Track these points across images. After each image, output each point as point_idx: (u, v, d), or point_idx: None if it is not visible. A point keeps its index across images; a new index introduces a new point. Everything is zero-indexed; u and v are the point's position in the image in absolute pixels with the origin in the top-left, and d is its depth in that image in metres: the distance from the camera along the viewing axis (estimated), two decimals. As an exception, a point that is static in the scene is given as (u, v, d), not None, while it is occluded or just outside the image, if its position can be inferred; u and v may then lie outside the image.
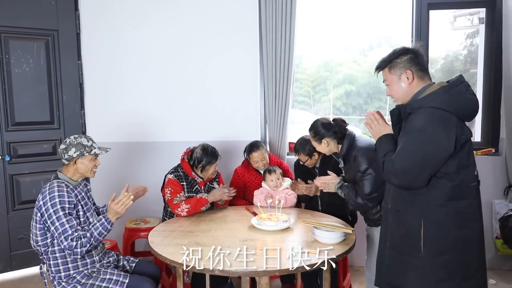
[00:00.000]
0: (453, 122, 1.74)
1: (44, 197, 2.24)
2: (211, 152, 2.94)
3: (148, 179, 3.86)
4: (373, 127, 2.02)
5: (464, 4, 3.86)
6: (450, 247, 1.77)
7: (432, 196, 1.78)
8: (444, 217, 1.77)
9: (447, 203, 1.76)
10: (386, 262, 1.95)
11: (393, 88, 1.94)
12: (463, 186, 1.77)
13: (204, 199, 2.88)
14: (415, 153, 1.74)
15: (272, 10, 3.61)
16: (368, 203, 2.42)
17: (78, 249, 2.20)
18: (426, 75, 1.89)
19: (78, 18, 3.82)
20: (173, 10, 3.80)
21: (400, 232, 1.88)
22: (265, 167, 3.27)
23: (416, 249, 1.80)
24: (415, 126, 1.76)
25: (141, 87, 3.90)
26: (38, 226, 2.27)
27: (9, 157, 3.60)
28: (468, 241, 1.80)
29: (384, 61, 1.95)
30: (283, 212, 2.68)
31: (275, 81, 3.69)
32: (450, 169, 1.74)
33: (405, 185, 1.81)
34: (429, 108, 1.76)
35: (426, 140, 1.73)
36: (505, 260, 3.69)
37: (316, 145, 2.69)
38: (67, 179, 2.37)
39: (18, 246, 3.67)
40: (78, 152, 2.34)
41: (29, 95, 3.66)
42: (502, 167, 3.63)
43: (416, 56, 1.89)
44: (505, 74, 3.48)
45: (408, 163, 1.75)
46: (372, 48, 5.56)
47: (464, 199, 1.78)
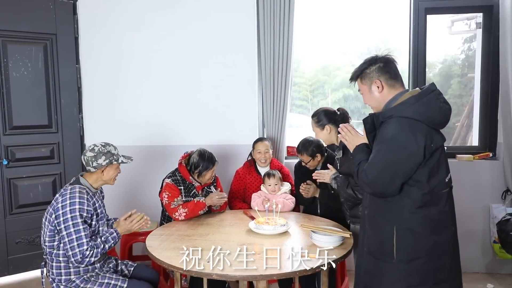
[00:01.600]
0: (423, 131, 1.76)
1: (64, 200, 2.24)
2: (208, 157, 2.94)
3: (146, 183, 3.87)
4: (347, 139, 2.06)
5: (461, 9, 3.87)
6: (422, 253, 1.81)
7: (404, 204, 1.81)
8: (415, 224, 1.80)
9: (418, 210, 1.79)
10: (364, 266, 1.99)
11: (366, 97, 2.00)
12: (434, 194, 1.80)
13: (202, 202, 2.88)
14: (386, 162, 1.77)
15: (270, 15, 3.63)
16: (358, 195, 2.42)
17: (88, 259, 2.23)
18: (398, 83, 1.92)
19: (76, 22, 3.83)
20: (171, 15, 3.81)
21: (375, 238, 1.91)
22: (267, 163, 3.27)
23: (390, 255, 1.84)
24: (386, 135, 1.79)
25: (139, 91, 3.90)
26: (50, 227, 2.27)
27: (7, 160, 3.60)
28: (440, 246, 1.83)
29: (356, 71, 2.00)
30: (281, 216, 2.68)
31: (273, 85, 3.70)
32: (421, 177, 1.77)
33: (378, 193, 1.85)
34: (399, 117, 1.79)
35: (396, 149, 1.76)
36: (502, 264, 3.69)
37: (318, 132, 2.70)
38: (88, 185, 2.39)
39: (16, 250, 3.66)
40: (107, 161, 2.37)
41: (27, 98, 3.66)
42: (500, 172, 3.64)
43: (385, 64, 1.92)
44: (502, 79, 3.50)
45: (379, 173, 1.78)
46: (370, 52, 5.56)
47: (434, 206, 1.81)
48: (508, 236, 3.21)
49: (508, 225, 3.25)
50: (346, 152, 2.57)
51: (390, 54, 1.96)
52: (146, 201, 3.81)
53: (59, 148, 3.82)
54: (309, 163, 3.03)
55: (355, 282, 2.07)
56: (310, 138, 3.06)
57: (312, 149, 2.99)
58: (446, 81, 4.63)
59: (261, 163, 3.30)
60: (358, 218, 2.53)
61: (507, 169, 3.56)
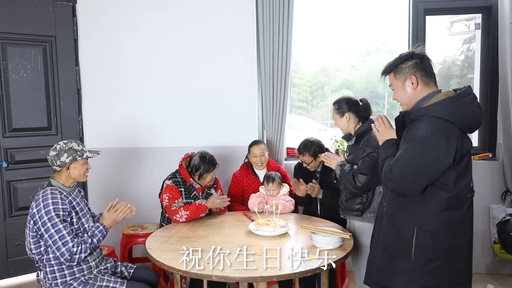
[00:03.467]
0: (455, 134, 1.73)
1: (37, 204, 2.23)
2: (209, 160, 2.94)
3: (145, 184, 3.87)
4: (380, 130, 2.03)
5: (460, 10, 3.88)
6: (440, 256, 1.80)
7: (427, 205, 1.79)
8: (437, 226, 1.79)
9: (442, 213, 1.78)
10: (376, 263, 1.98)
11: (398, 93, 1.95)
12: (459, 197, 1.79)
13: (203, 206, 2.88)
14: (414, 161, 1.75)
15: (270, 16, 3.63)
16: (356, 183, 2.39)
17: (77, 255, 2.20)
18: (432, 81, 1.89)
19: (76, 25, 3.83)
20: (170, 16, 3.81)
21: (393, 236, 1.90)
22: (263, 165, 3.27)
23: (407, 254, 1.83)
24: (417, 134, 1.76)
25: (139, 92, 3.90)
26: (31, 234, 2.26)
27: (6, 163, 3.59)
28: (458, 250, 1.83)
29: (390, 65, 1.96)
30: (281, 217, 2.67)
31: (272, 87, 3.70)
32: (449, 180, 1.76)
33: (400, 191, 1.83)
34: (433, 117, 1.76)
35: (426, 150, 1.73)
36: (503, 265, 3.69)
37: (337, 119, 2.64)
38: (60, 185, 2.36)
39: (15, 253, 3.65)
40: (70, 157, 2.33)
41: (27, 101, 3.65)
42: (500, 172, 3.64)
43: (421, 61, 1.88)
44: (502, 79, 3.50)
45: (405, 170, 1.76)
46: (369, 53, 5.58)
47: (458, 210, 1.80)
48: (508, 237, 3.21)
49: (508, 225, 3.25)
50: (358, 142, 2.54)
51: (426, 52, 1.91)
52: (145, 203, 3.80)
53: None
54: (311, 164, 3.02)
55: (365, 277, 2.06)
56: (312, 138, 3.05)
57: (314, 149, 2.97)
58: (445, 82, 4.64)
59: (257, 166, 3.30)
60: (352, 211, 2.54)
61: (506, 170, 3.56)
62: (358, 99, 2.67)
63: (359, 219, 2.52)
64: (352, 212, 2.54)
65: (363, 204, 2.49)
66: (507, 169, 3.55)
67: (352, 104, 2.61)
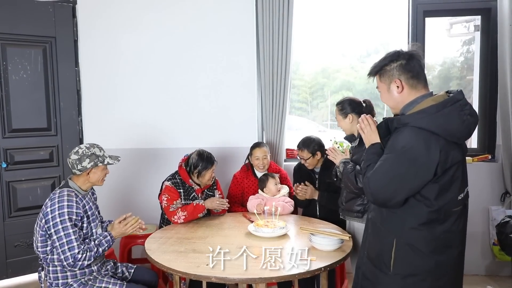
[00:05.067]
0: (438, 145, 1.59)
1: (52, 204, 2.23)
2: (207, 157, 2.94)
3: (145, 185, 3.87)
4: (365, 132, 1.89)
5: (459, 12, 3.88)
6: (421, 271, 1.69)
7: (406, 218, 1.68)
8: (416, 240, 1.67)
9: (421, 227, 1.66)
10: (362, 269, 1.91)
11: (384, 96, 1.82)
12: (441, 212, 1.65)
13: (201, 205, 2.88)
14: (391, 174, 1.64)
15: (269, 17, 3.63)
16: (358, 183, 2.34)
17: (81, 262, 2.21)
18: (420, 83, 1.72)
19: (76, 25, 3.83)
20: (170, 17, 3.82)
21: (375, 246, 1.82)
22: (265, 168, 3.27)
23: (387, 266, 1.73)
24: (396, 145, 1.66)
25: (139, 93, 3.90)
26: (41, 232, 2.27)
27: (6, 163, 3.59)
28: (442, 266, 1.69)
29: (375, 67, 1.81)
30: (280, 219, 2.68)
31: (272, 88, 3.70)
32: (429, 194, 1.63)
33: (379, 203, 1.73)
34: (414, 127, 1.63)
35: (405, 162, 1.61)
36: (502, 267, 3.69)
37: (340, 120, 2.63)
38: (77, 188, 2.37)
39: (14, 254, 3.65)
40: (92, 163, 2.34)
41: (26, 101, 3.66)
42: (499, 174, 3.64)
43: (408, 62, 1.72)
44: (501, 81, 3.51)
45: (383, 183, 1.66)
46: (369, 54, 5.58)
47: (440, 225, 1.66)
48: (508, 238, 3.21)
49: (507, 227, 3.25)
50: (361, 144, 2.48)
51: (415, 50, 1.76)
52: (145, 204, 3.80)
53: (58, 151, 3.82)
54: (309, 161, 3.01)
55: (354, 282, 2.03)
56: (312, 136, 3.06)
57: (313, 146, 2.98)
58: (445, 83, 4.64)
59: (259, 169, 3.29)
60: (353, 213, 2.53)
61: (506, 171, 3.56)
62: (361, 100, 2.66)
63: (359, 220, 2.52)
64: (353, 214, 2.54)
65: (364, 205, 2.49)
66: (506, 171, 3.56)
67: (356, 105, 2.60)
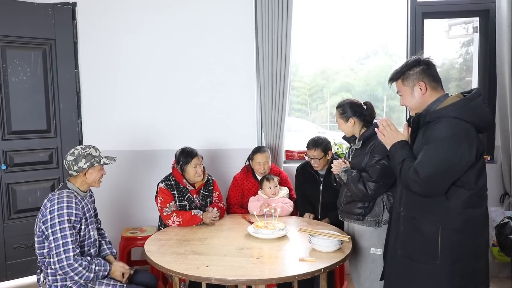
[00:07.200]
0: (474, 133, 1.79)
1: (52, 205, 2.23)
2: (188, 152, 2.98)
3: (144, 187, 3.87)
4: (386, 134, 2.03)
5: (457, 14, 3.89)
6: (465, 254, 1.82)
7: (451, 204, 1.81)
8: (461, 224, 1.81)
9: (465, 211, 1.80)
10: (397, 271, 1.97)
11: (407, 99, 1.99)
12: (479, 195, 1.83)
13: (199, 217, 2.86)
14: (439, 162, 1.77)
15: (268, 19, 3.64)
16: (368, 191, 2.36)
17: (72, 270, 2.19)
18: (439, 85, 1.95)
19: (75, 28, 3.84)
20: (170, 19, 3.82)
21: (415, 240, 1.90)
22: (265, 173, 3.27)
23: (432, 256, 1.83)
24: (438, 135, 1.79)
25: (138, 95, 3.91)
26: (38, 233, 2.27)
27: (5, 165, 3.59)
28: (480, 248, 1.86)
29: (397, 72, 2.00)
30: (280, 220, 2.68)
31: (271, 89, 3.71)
32: (470, 178, 1.79)
33: (427, 193, 1.83)
34: (451, 118, 1.80)
35: (449, 149, 1.75)
36: (501, 268, 3.69)
37: (341, 123, 2.61)
38: (76, 189, 2.37)
39: (14, 256, 3.65)
40: (88, 163, 2.34)
41: (26, 103, 3.66)
42: (498, 175, 3.65)
43: (428, 67, 1.94)
44: (499, 82, 3.52)
45: (432, 172, 1.77)
46: (368, 56, 5.58)
47: (479, 208, 1.83)
48: (507, 239, 3.21)
49: (506, 228, 3.25)
50: (364, 146, 2.50)
51: (430, 58, 1.98)
52: (144, 205, 3.81)
53: (57, 153, 3.82)
54: (320, 161, 3.02)
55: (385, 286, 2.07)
56: (321, 136, 3.08)
57: (325, 145, 3.01)
58: (444, 84, 4.62)
59: (259, 173, 3.28)
60: (353, 215, 2.53)
61: (505, 173, 3.57)
62: (362, 102, 2.64)
63: (360, 223, 2.51)
64: (353, 216, 2.52)
65: (365, 208, 2.47)
66: (505, 172, 3.56)
67: (357, 108, 2.58)
